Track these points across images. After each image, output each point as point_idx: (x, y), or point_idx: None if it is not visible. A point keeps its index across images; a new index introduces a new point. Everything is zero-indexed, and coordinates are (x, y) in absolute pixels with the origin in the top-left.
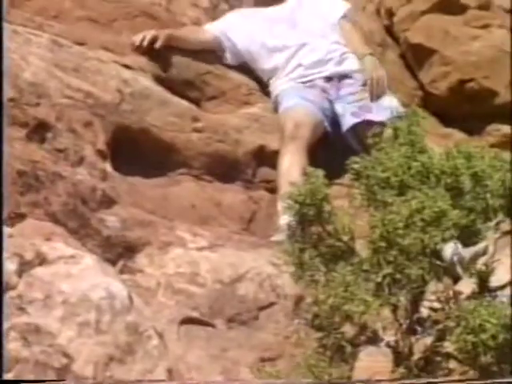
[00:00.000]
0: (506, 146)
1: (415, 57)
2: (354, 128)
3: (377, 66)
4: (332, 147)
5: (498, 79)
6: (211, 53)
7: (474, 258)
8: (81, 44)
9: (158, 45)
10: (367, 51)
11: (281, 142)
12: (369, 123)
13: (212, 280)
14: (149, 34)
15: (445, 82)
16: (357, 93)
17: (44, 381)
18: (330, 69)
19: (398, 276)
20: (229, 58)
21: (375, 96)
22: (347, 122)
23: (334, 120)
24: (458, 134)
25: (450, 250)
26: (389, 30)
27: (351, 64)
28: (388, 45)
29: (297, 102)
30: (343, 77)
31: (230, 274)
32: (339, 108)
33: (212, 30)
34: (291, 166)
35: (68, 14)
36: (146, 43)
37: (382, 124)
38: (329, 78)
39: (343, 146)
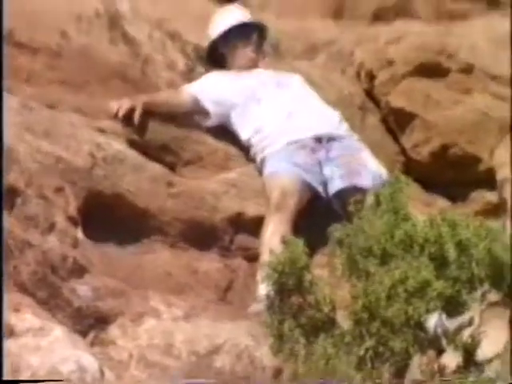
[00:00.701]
0: (491, 214)
1: (397, 121)
2: (341, 192)
3: None
4: (315, 213)
5: (482, 144)
6: (188, 116)
7: (459, 329)
8: (52, 107)
9: (136, 119)
10: None
11: (266, 210)
12: (356, 188)
13: (187, 352)
14: (125, 104)
15: (427, 147)
16: (345, 156)
17: (44, 381)
18: (320, 128)
19: (381, 349)
20: (210, 117)
21: None
22: (335, 185)
23: (323, 181)
24: (441, 201)
25: (433, 320)
26: (369, 94)
27: (342, 129)
28: (368, 108)
29: (284, 167)
30: (332, 139)
31: (206, 345)
32: (327, 170)
33: (190, 90)
34: (273, 236)
35: (39, 77)
36: (121, 114)
37: (368, 189)
38: (318, 139)
39: (327, 211)
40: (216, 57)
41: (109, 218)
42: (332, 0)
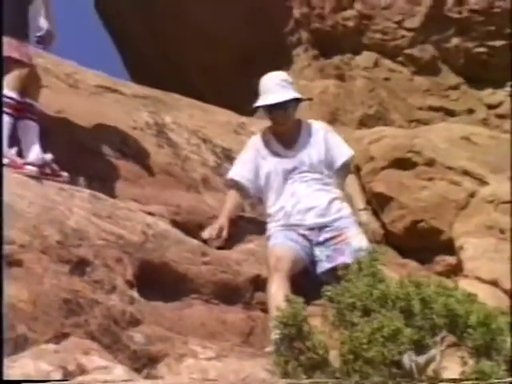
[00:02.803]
0: (451, 273)
1: (378, 202)
2: (327, 271)
3: (372, 221)
4: (310, 277)
5: (443, 220)
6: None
7: (427, 363)
8: (114, 197)
9: (224, 235)
10: (363, 206)
11: (267, 272)
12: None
13: None
14: (214, 230)
15: (401, 223)
16: (334, 238)
17: (45, 381)
18: (312, 220)
19: (364, 382)
20: (250, 194)
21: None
22: (322, 266)
23: (313, 260)
24: (412, 263)
25: (407, 358)
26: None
27: (333, 212)
28: None
29: (281, 241)
30: (323, 226)
31: (233, 379)
32: (317, 252)
33: (233, 177)
34: (276, 293)
35: (106, 174)
36: (215, 235)
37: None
38: (310, 228)
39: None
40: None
41: (157, 281)
42: (327, 108)
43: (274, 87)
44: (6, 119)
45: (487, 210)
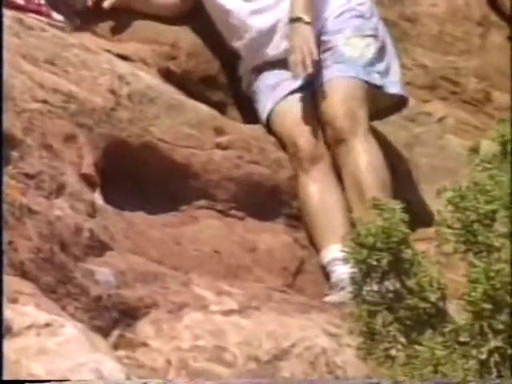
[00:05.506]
0: None
1: None
2: None
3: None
4: None
5: None
6: None
7: None
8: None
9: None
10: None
11: (296, 163)
12: None
13: (244, 357)
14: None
15: None
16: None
17: (45, 381)
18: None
19: (510, 351)
20: None
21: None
22: None
23: None
24: None
25: None
26: (493, 4)
27: None
28: (492, 23)
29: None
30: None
31: (270, 348)
32: None
33: None
34: (326, 200)
35: None
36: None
37: None
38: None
39: None
40: None
41: (137, 176)
42: None
43: None
44: None
45: None
